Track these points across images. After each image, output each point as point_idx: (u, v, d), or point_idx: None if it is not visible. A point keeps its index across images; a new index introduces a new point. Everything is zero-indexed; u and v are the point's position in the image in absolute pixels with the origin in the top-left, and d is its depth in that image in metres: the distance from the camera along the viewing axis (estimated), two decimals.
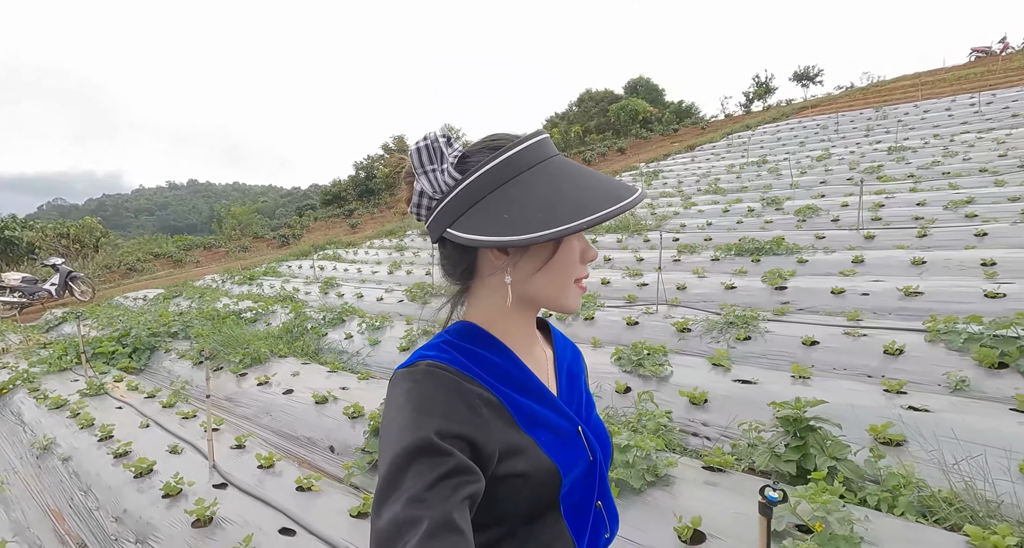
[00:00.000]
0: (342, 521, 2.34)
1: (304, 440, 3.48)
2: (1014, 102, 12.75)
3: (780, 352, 3.51)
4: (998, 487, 1.94)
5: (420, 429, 0.48)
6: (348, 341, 5.25)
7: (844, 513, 1.72)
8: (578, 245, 0.60)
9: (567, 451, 0.61)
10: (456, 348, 0.60)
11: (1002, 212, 5.91)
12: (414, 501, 0.42)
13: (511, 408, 0.58)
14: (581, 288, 0.62)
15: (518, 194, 0.55)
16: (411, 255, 9.82)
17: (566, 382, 0.70)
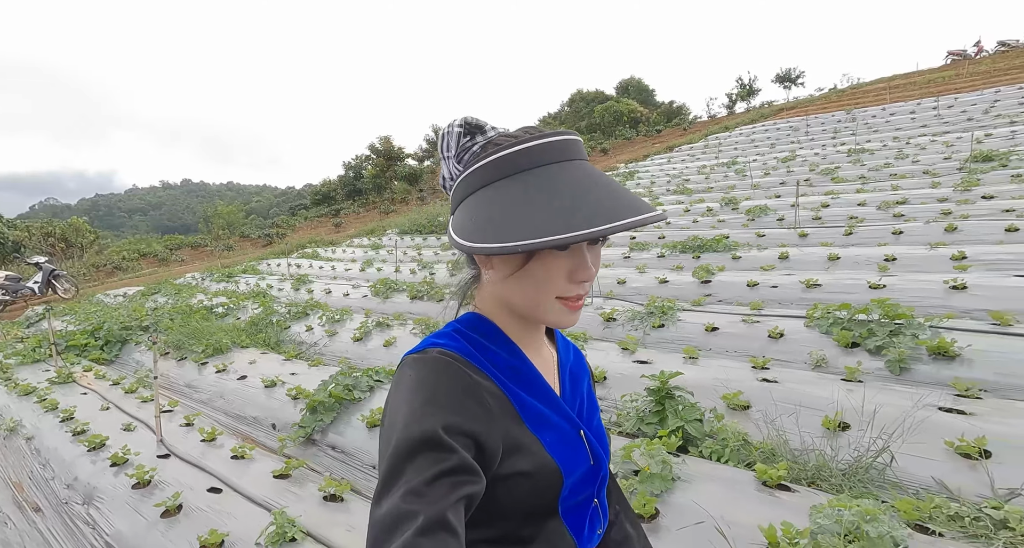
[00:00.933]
0: (266, 481, 2.67)
1: (251, 419, 3.81)
2: (972, 106, 13.22)
3: (685, 337, 3.87)
4: (805, 439, 2.31)
5: (427, 421, 0.47)
6: (308, 333, 5.57)
7: (664, 457, 2.08)
8: (563, 262, 0.54)
9: (569, 453, 0.60)
10: (466, 338, 0.59)
11: (925, 212, 6.31)
12: (412, 494, 0.43)
13: (517, 405, 0.57)
14: (569, 306, 0.56)
15: (500, 196, 0.53)
16: (385, 253, 10.14)
17: (569, 384, 0.68)
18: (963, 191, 6.86)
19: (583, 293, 0.57)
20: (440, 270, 7.79)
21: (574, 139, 0.55)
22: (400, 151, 26.43)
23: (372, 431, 3.08)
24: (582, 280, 0.55)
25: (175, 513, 2.40)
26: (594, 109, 32.03)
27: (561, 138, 0.54)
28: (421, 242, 11.22)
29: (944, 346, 2.81)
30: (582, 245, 0.54)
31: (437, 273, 7.66)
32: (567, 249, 0.54)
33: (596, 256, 0.57)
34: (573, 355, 0.74)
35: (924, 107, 14.58)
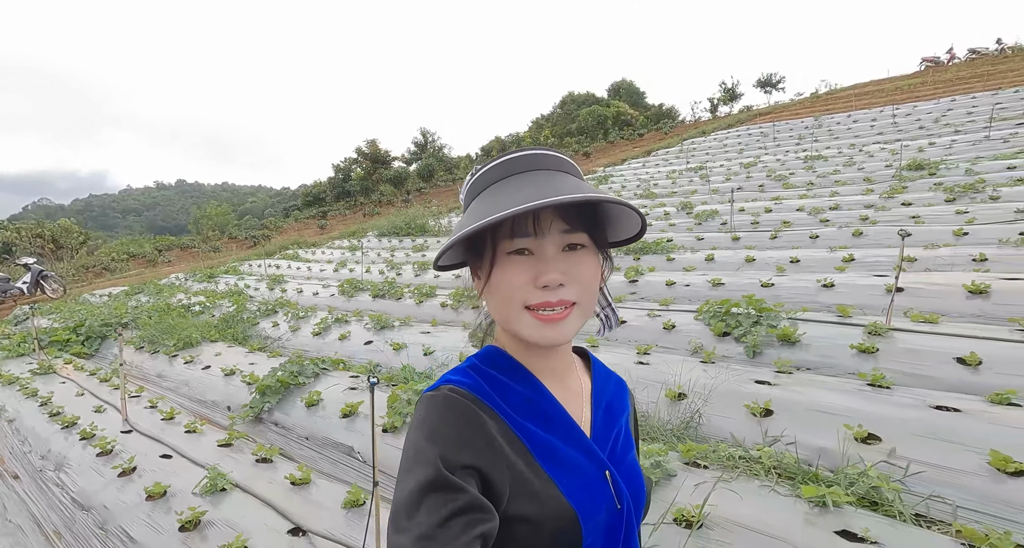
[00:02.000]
0: (211, 449, 3.14)
1: (210, 403, 4.28)
2: (927, 114, 13.83)
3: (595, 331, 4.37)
4: (650, 407, 2.81)
5: (430, 458, 0.47)
6: (274, 328, 6.04)
7: None
8: (524, 266, 0.53)
9: (588, 496, 0.56)
10: (480, 373, 0.58)
11: (847, 217, 6.85)
12: (424, 539, 0.42)
13: (528, 443, 0.55)
14: (540, 318, 0.53)
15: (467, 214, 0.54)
16: (360, 255, 10.61)
17: (602, 419, 0.64)
18: (887, 198, 7.41)
19: (553, 303, 0.52)
20: (407, 271, 8.27)
21: (549, 153, 0.55)
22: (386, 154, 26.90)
23: (311, 410, 3.56)
24: (543, 284, 0.52)
25: (130, 473, 2.88)
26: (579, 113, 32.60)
27: (531, 153, 0.55)
28: (397, 244, 11.70)
29: (788, 334, 3.32)
30: (546, 248, 0.53)
31: (403, 274, 8.14)
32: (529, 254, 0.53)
33: (575, 264, 0.54)
34: (614, 387, 0.69)
35: (885, 115, 15.18)
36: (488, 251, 0.55)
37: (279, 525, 2.26)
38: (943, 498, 1.93)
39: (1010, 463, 1.89)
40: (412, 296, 6.28)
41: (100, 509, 2.65)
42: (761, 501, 1.93)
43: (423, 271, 7.94)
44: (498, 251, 0.54)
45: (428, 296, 6.17)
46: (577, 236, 0.54)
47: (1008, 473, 1.90)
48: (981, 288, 3.54)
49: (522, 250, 0.53)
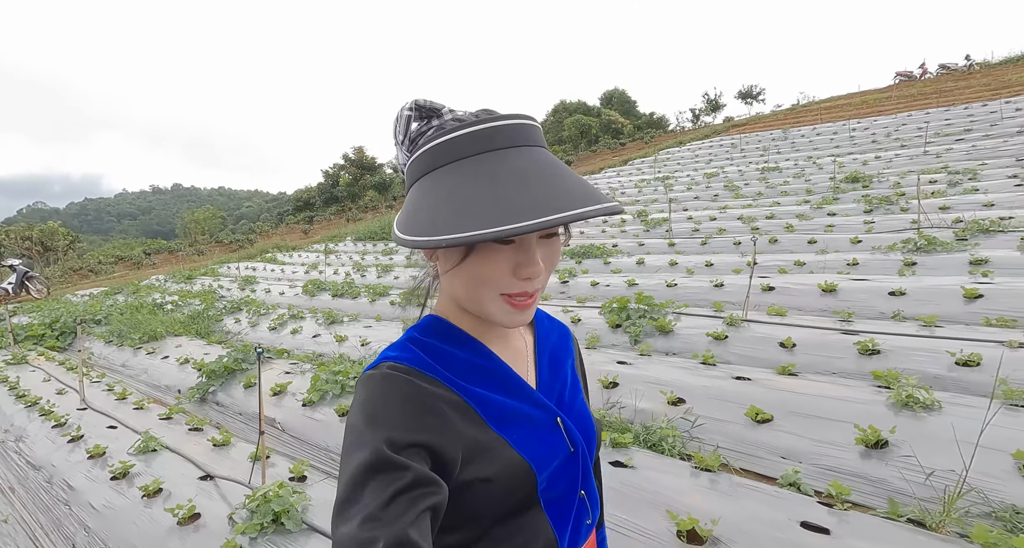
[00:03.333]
0: (152, 421, 3.59)
1: (164, 387, 4.73)
2: (883, 129, 14.51)
3: None
4: None
5: (372, 441, 0.46)
6: (236, 324, 6.49)
7: None
8: (507, 256, 0.50)
9: (542, 445, 0.57)
10: (420, 345, 0.57)
11: (776, 225, 7.40)
12: (369, 520, 0.41)
13: (478, 407, 0.55)
14: (515, 305, 0.52)
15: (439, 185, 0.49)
16: (334, 258, 11.09)
17: (548, 369, 0.65)
18: (816, 208, 7.97)
19: (530, 290, 0.52)
20: (371, 273, 8.75)
21: (527, 123, 0.51)
22: (372, 161, 27.46)
23: (247, 390, 4.02)
24: (527, 277, 0.50)
25: (78, 441, 3.33)
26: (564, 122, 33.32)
27: (512, 122, 0.50)
28: (371, 248, 12.19)
29: (664, 325, 3.83)
30: (530, 239, 0.50)
31: (367, 275, 8.62)
32: (512, 243, 0.50)
33: (551, 251, 0.53)
34: (557, 336, 0.70)
35: (846, 128, 15.86)
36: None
37: (194, 473, 2.72)
38: (709, 441, 2.42)
39: (760, 414, 2.40)
40: (367, 295, 6.76)
41: (49, 467, 3.10)
42: None
43: (385, 273, 8.42)
44: None
45: (381, 295, 6.65)
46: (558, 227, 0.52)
47: (757, 422, 2.40)
48: (831, 287, 4.06)
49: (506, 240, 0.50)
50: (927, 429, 2.14)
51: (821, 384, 2.68)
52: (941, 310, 3.48)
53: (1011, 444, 1.95)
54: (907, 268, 4.51)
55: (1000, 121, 11.76)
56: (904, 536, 1.67)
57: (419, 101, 0.54)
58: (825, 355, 3.10)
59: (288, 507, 2.16)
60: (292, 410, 3.57)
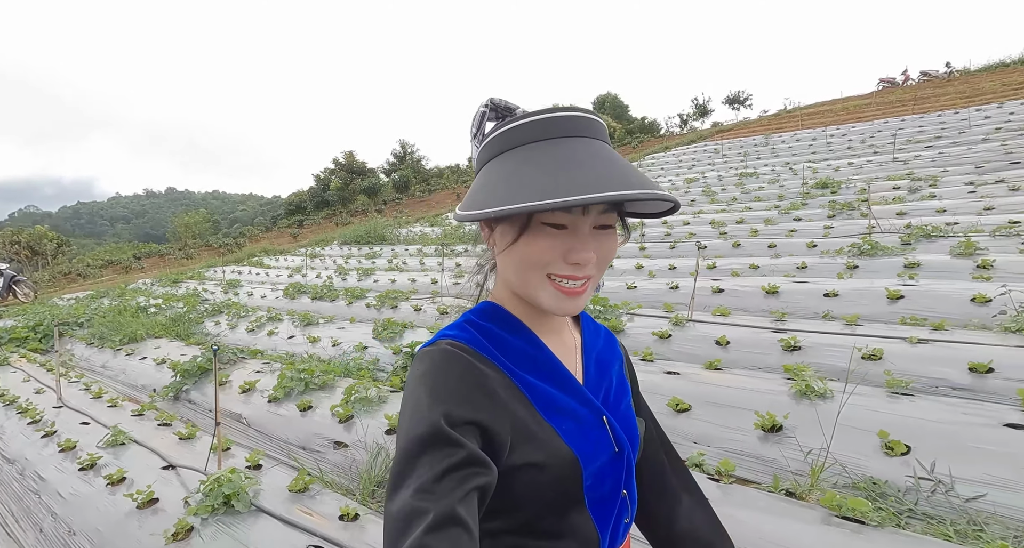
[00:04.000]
0: (124, 417, 3.77)
1: (140, 387, 4.90)
2: (859, 135, 14.87)
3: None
4: None
5: (431, 414, 0.48)
6: (216, 326, 6.66)
7: (382, 392, 3.25)
8: (560, 241, 0.52)
9: (588, 441, 0.58)
10: (477, 328, 0.59)
11: (741, 229, 7.66)
12: (422, 491, 0.43)
13: (529, 393, 0.56)
14: (563, 290, 0.53)
15: (497, 169, 0.52)
16: (318, 262, 11.26)
17: (594, 369, 0.66)
18: (784, 213, 8.25)
19: (579, 277, 0.53)
20: (352, 276, 8.94)
21: (586, 117, 0.53)
22: (362, 165, 27.66)
23: (220, 388, 4.19)
24: (575, 262, 0.52)
25: (51, 435, 3.50)
26: None
27: (572, 114, 0.52)
28: (356, 251, 12.37)
29: (616, 325, 4.05)
30: (583, 225, 0.52)
31: (347, 278, 8.81)
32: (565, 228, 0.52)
33: (605, 244, 0.54)
34: (603, 340, 0.72)
35: (825, 134, 16.23)
36: (521, 217, 0.52)
37: (158, 464, 2.90)
38: None
39: (680, 404, 2.62)
40: (345, 298, 6.95)
41: (22, 461, 3.27)
42: None
43: (366, 276, 8.61)
44: (533, 219, 0.52)
45: (358, 298, 6.84)
46: (612, 217, 0.54)
47: (677, 411, 2.62)
48: (774, 289, 4.30)
49: (559, 224, 0.52)
50: (815, 414, 2.36)
51: (740, 377, 2.90)
52: (866, 310, 3.72)
53: (880, 425, 2.18)
54: (849, 271, 4.77)
55: (968, 129, 12.13)
56: (770, 502, 1.89)
57: (495, 99, 0.57)
58: (753, 351, 3.32)
59: (238, 490, 2.35)
60: (258, 406, 3.76)
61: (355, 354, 4.56)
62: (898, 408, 2.31)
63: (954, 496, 1.85)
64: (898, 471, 2.01)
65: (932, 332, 3.11)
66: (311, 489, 2.48)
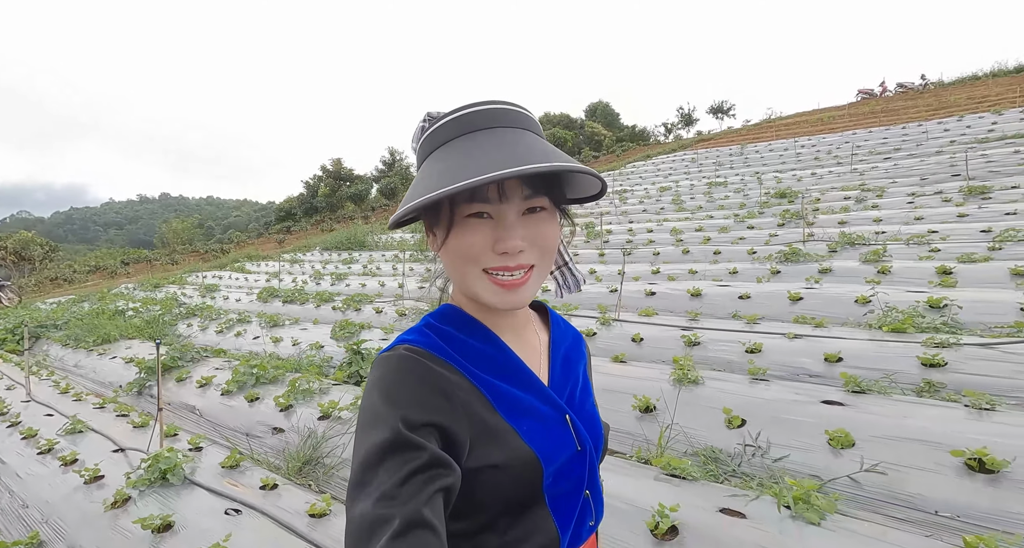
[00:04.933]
0: (87, 410, 4.05)
1: (108, 384, 5.18)
2: (827, 146, 15.39)
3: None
4: None
5: (389, 419, 0.47)
6: (188, 328, 6.95)
7: (323, 385, 3.56)
8: (484, 231, 0.53)
9: (550, 440, 0.58)
10: (436, 331, 0.58)
11: (697, 237, 8.04)
12: (385, 498, 0.42)
13: (489, 394, 0.56)
14: (500, 283, 0.54)
15: (424, 171, 0.53)
16: (297, 267, 11.56)
17: (560, 368, 0.66)
18: (739, 222, 8.65)
19: (512, 267, 0.53)
20: (326, 281, 9.25)
21: (508, 107, 0.53)
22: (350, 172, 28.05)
23: (180, 383, 4.49)
24: (502, 251, 0.52)
25: (16, 425, 3.79)
26: None
27: (486, 107, 0.53)
28: (336, 257, 12.68)
29: None
30: (507, 212, 0.52)
31: (321, 283, 9.11)
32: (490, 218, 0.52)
33: (536, 228, 0.54)
34: (571, 339, 0.71)
35: (795, 145, 16.77)
36: (445, 213, 0.53)
37: (109, 447, 3.20)
38: None
39: None
40: (314, 301, 7.25)
41: None
42: None
43: (338, 281, 8.93)
44: (456, 213, 0.52)
45: (326, 301, 7.15)
46: (538, 200, 0.54)
47: None
48: (697, 292, 4.66)
49: (481, 213, 0.52)
50: (684, 397, 2.71)
51: (637, 368, 3.24)
52: (770, 311, 4.09)
53: (730, 405, 2.53)
54: (772, 276, 5.14)
55: (926, 141, 12.65)
56: (627, 467, 2.22)
57: (432, 113, 0.57)
58: (660, 347, 3.67)
59: (174, 466, 2.65)
60: (212, 399, 4.05)
61: (310, 352, 4.87)
62: (750, 391, 2.65)
63: (768, 458, 2.19)
64: (733, 440, 2.35)
65: (813, 329, 3.47)
66: (242, 466, 2.79)
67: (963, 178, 8.45)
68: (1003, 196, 6.90)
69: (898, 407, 2.29)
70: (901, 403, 2.32)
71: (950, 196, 7.42)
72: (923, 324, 3.21)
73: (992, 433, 1.99)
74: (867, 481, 1.96)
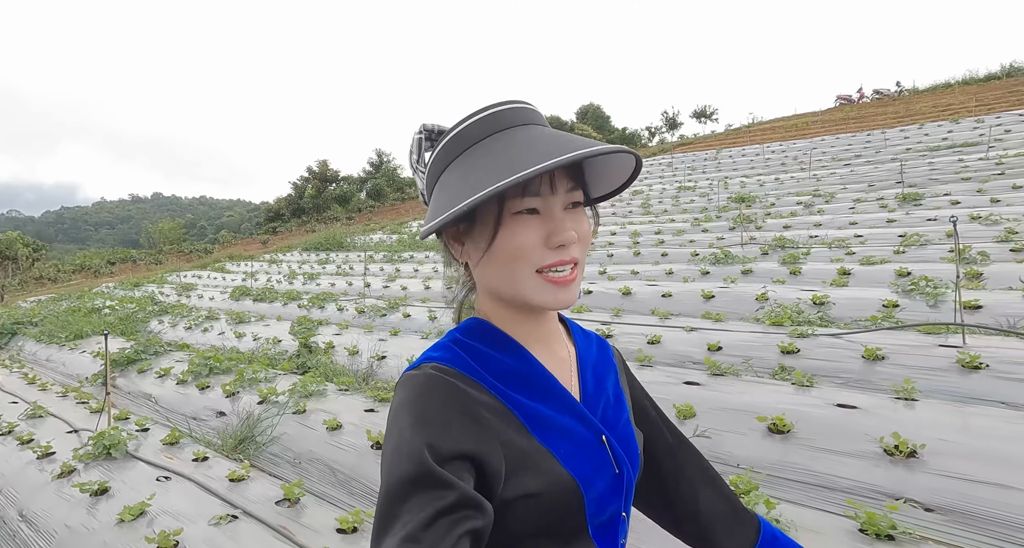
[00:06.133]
0: (50, 399, 4.36)
1: (75, 376, 5.47)
2: (797, 152, 15.89)
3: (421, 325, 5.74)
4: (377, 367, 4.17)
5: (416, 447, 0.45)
6: (160, 325, 7.24)
7: (307, 379, 3.89)
8: (535, 227, 0.50)
9: (587, 463, 0.54)
10: (463, 347, 0.55)
11: (653, 239, 8.44)
12: (409, 540, 0.40)
13: (521, 415, 0.52)
14: (554, 280, 0.51)
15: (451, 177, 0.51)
16: (275, 268, 11.84)
17: (592, 383, 0.61)
18: (695, 225, 9.06)
19: (566, 261, 0.51)
20: (299, 280, 9.56)
21: (524, 106, 0.53)
22: (335, 174, 28.32)
23: (141, 374, 4.80)
24: (558, 244, 0.49)
25: None
26: None
27: (510, 106, 0.52)
28: (314, 258, 12.99)
29: None
30: (554, 206, 0.50)
31: (295, 283, 9.42)
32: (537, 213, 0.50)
33: (579, 223, 0.52)
34: (597, 349, 0.67)
35: (766, 151, 17.27)
36: (491, 212, 0.50)
37: (65, 429, 3.51)
38: None
39: None
40: (282, 300, 7.57)
41: None
42: (342, 399, 3.29)
43: (310, 280, 9.24)
44: (505, 210, 0.50)
45: (294, 299, 7.47)
46: (578, 194, 0.53)
47: None
48: (627, 291, 5.04)
49: (531, 209, 0.50)
50: None
51: None
52: (685, 308, 4.47)
53: None
54: (702, 276, 5.53)
55: (885, 148, 13.16)
56: None
57: (427, 125, 0.55)
58: None
59: (117, 442, 2.97)
60: (168, 388, 4.37)
61: (267, 346, 5.19)
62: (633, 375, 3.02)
63: None
64: None
65: (713, 323, 3.85)
66: (181, 443, 3.12)
67: (902, 185, 8.91)
68: (932, 202, 7.35)
69: (741, 386, 2.66)
70: (745, 383, 2.70)
71: (887, 202, 7.87)
72: (800, 318, 3.60)
73: (797, 403, 2.37)
74: (696, 444, 2.33)
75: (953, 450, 1.90)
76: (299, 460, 2.98)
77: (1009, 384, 2.36)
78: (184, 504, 2.38)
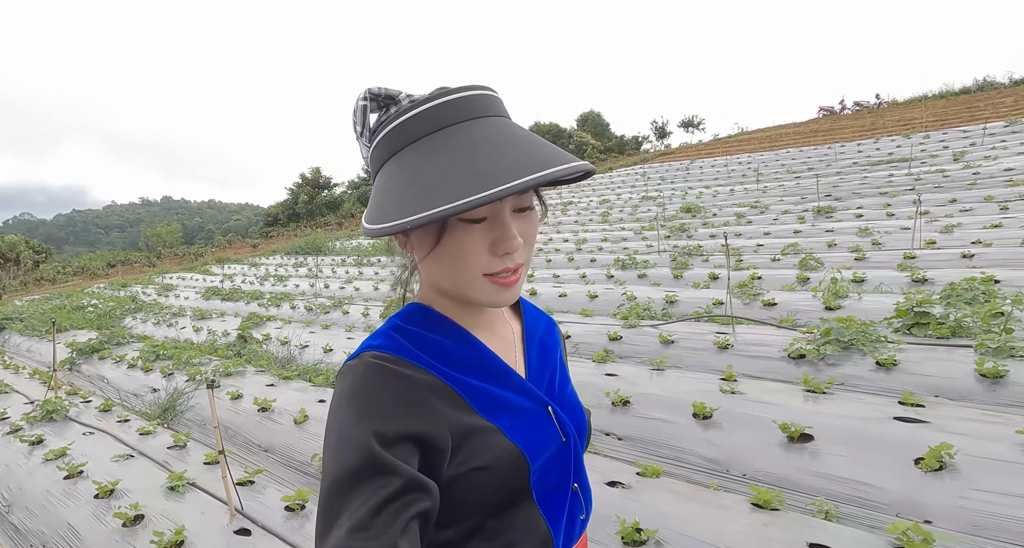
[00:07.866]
0: (21, 380, 5.05)
1: (48, 363, 6.16)
2: (760, 164, 16.51)
3: (353, 321, 6.41)
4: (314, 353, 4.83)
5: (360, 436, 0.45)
6: (133, 320, 7.95)
7: (229, 363, 4.57)
8: (481, 234, 0.49)
9: (534, 434, 0.56)
10: (403, 333, 0.55)
11: (594, 246, 9.08)
12: (357, 530, 0.40)
13: (466, 395, 0.53)
14: (500, 282, 0.51)
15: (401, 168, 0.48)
16: (254, 270, 12.57)
17: (537, 358, 0.64)
18: (637, 233, 9.70)
19: (511, 268, 0.51)
20: (268, 282, 10.27)
21: (483, 94, 0.50)
22: (327, 180, 29.20)
23: (101, 361, 5.49)
24: (504, 252, 0.49)
25: None
26: None
27: (467, 94, 0.49)
28: (290, 261, 13.73)
29: None
30: (502, 213, 0.49)
31: (264, 285, 10.14)
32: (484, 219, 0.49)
33: (527, 225, 0.52)
34: (544, 325, 0.69)
35: (732, 162, 17.89)
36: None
37: (22, 400, 4.19)
38: None
39: None
40: (245, 299, 8.27)
41: None
42: (254, 378, 3.95)
43: (279, 281, 9.95)
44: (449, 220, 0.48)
45: (256, 298, 8.17)
46: (528, 197, 0.53)
47: None
48: (534, 292, 5.69)
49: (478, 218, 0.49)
50: None
51: None
52: (575, 306, 5.11)
53: None
54: (607, 279, 6.17)
55: (836, 161, 13.77)
56: None
57: (373, 89, 0.52)
58: None
59: (58, 408, 3.64)
60: (119, 372, 5.05)
61: (215, 338, 5.88)
62: None
63: None
64: None
65: (583, 318, 4.49)
66: (113, 410, 3.79)
67: (830, 198, 9.53)
68: (841, 215, 7.97)
69: None
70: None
71: (804, 215, 8.49)
72: (647, 314, 4.24)
73: (599, 373, 3.01)
74: None
75: (647, 400, 2.55)
76: (204, 423, 3.65)
77: (740, 358, 3.00)
78: (98, 449, 3.05)
